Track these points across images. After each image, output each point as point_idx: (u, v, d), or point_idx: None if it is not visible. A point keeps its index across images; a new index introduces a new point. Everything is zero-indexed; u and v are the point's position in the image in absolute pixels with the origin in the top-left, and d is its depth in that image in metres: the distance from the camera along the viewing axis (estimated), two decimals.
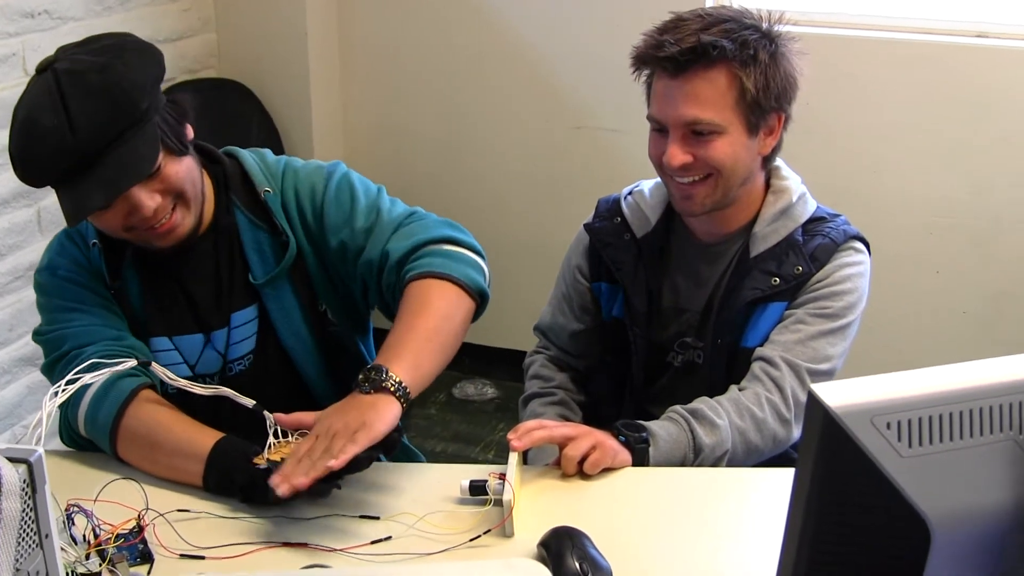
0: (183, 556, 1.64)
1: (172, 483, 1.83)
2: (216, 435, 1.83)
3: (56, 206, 1.88)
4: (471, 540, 1.67)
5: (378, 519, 1.73)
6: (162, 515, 1.70)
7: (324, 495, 1.71)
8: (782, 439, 1.99)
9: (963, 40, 3.63)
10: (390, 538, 1.67)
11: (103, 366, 1.74)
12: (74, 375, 1.67)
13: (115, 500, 1.69)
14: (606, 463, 1.85)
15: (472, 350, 4.05)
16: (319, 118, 4.29)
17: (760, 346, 2.05)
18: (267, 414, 1.78)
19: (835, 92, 3.69)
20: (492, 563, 1.59)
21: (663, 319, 2.18)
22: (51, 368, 1.96)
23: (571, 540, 1.58)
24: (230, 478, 1.77)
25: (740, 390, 2.01)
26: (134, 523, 1.65)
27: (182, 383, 1.81)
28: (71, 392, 1.65)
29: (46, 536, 1.29)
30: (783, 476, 1.86)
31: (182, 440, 1.84)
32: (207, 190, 2.00)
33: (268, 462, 1.72)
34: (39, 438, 1.50)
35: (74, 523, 1.60)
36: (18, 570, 1.24)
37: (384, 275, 1.96)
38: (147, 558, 1.62)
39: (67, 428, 1.94)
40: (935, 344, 3.86)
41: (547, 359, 2.35)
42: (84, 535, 1.60)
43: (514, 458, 1.77)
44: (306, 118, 4.26)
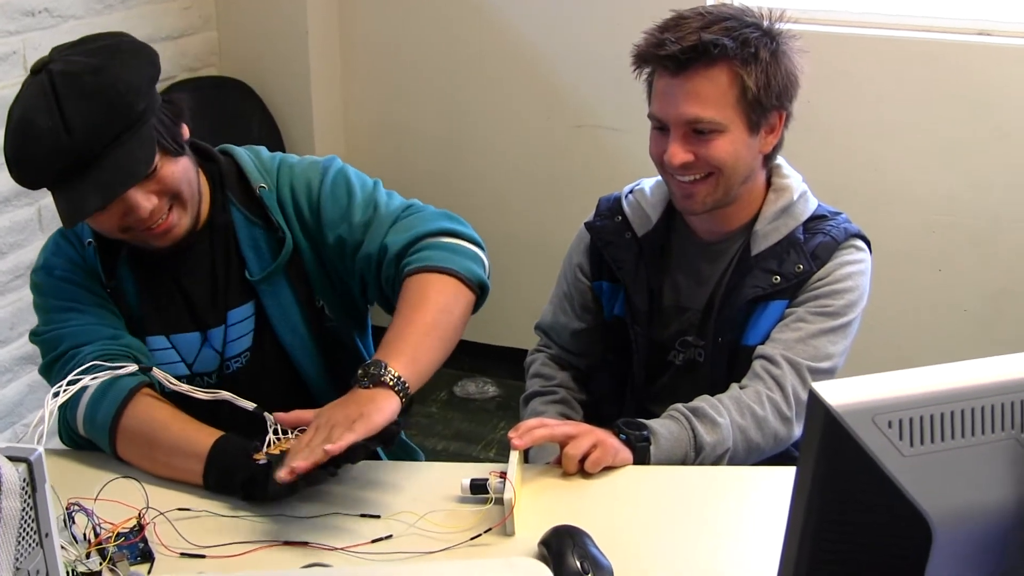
0: (183, 555, 1.64)
1: (172, 482, 1.82)
2: (215, 433, 1.83)
3: None
4: (472, 539, 1.66)
5: (379, 518, 1.72)
6: (162, 514, 1.70)
7: (319, 481, 1.69)
8: (783, 437, 1.99)
9: (964, 38, 3.62)
10: (391, 537, 1.67)
11: (104, 368, 1.74)
12: (75, 376, 1.67)
13: (115, 499, 1.68)
14: (607, 461, 1.85)
15: (473, 348, 4.06)
16: (320, 116, 4.29)
17: (761, 344, 2.05)
18: (268, 415, 1.78)
19: (836, 90, 3.69)
20: (493, 562, 1.59)
21: (664, 318, 2.17)
22: (49, 368, 1.95)
23: (572, 539, 1.58)
24: (230, 475, 1.77)
25: (741, 388, 2.00)
26: (134, 522, 1.65)
27: (183, 388, 1.81)
28: (72, 392, 1.65)
29: (46, 535, 1.29)
30: (784, 474, 1.86)
31: (181, 439, 1.83)
32: (203, 188, 1.99)
33: (268, 456, 1.72)
34: (40, 437, 1.50)
35: (74, 522, 1.60)
36: (18, 569, 1.24)
37: (383, 269, 1.95)
38: (148, 557, 1.62)
39: (66, 428, 1.94)
40: (935, 342, 3.85)
41: (548, 358, 2.34)
42: (84, 534, 1.60)
43: (515, 456, 1.77)
44: (307, 116, 4.25)
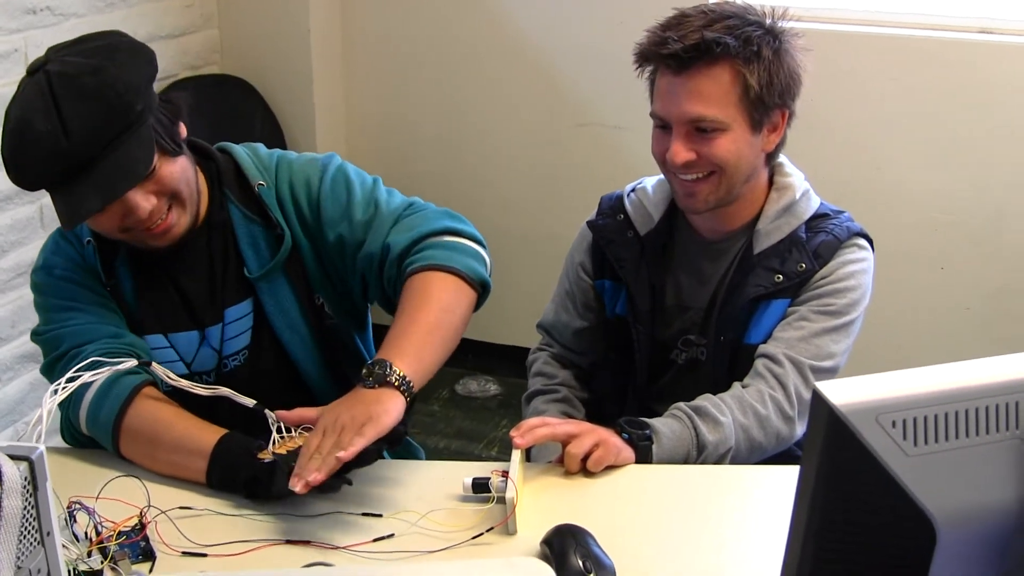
0: (185, 554, 1.63)
1: (174, 480, 1.82)
2: (219, 431, 1.83)
3: None
4: (474, 538, 1.66)
5: (381, 516, 1.72)
6: (164, 512, 1.70)
7: (335, 490, 1.70)
8: (785, 436, 1.99)
9: (966, 36, 3.62)
10: (393, 535, 1.67)
11: (103, 365, 1.74)
12: (74, 373, 1.67)
13: (117, 497, 1.68)
14: (609, 460, 1.85)
15: (475, 347, 4.06)
16: (322, 114, 4.29)
17: (763, 343, 2.05)
18: (268, 412, 1.78)
19: (838, 88, 3.68)
20: (495, 562, 1.58)
21: (666, 316, 2.17)
22: (50, 368, 1.95)
23: (574, 538, 1.57)
24: (234, 473, 1.77)
25: (743, 387, 2.00)
26: (136, 520, 1.64)
27: (183, 384, 1.81)
28: (71, 390, 1.65)
29: (48, 534, 1.29)
30: (786, 473, 1.86)
31: (184, 437, 1.83)
32: (201, 187, 1.99)
33: (273, 455, 1.72)
34: (40, 435, 1.50)
35: (76, 520, 1.60)
36: (20, 568, 1.24)
37: (385, 268, 1.95)
38: (149, 556, 1.62)
39: (68, 427, 1.94)
40: (937, 340, 3.85)
41: (550, 356, 2.34)
42: (86, 532, 1.60)
43: (517, 455, 1.76)
44: (309, 114, 4.25)
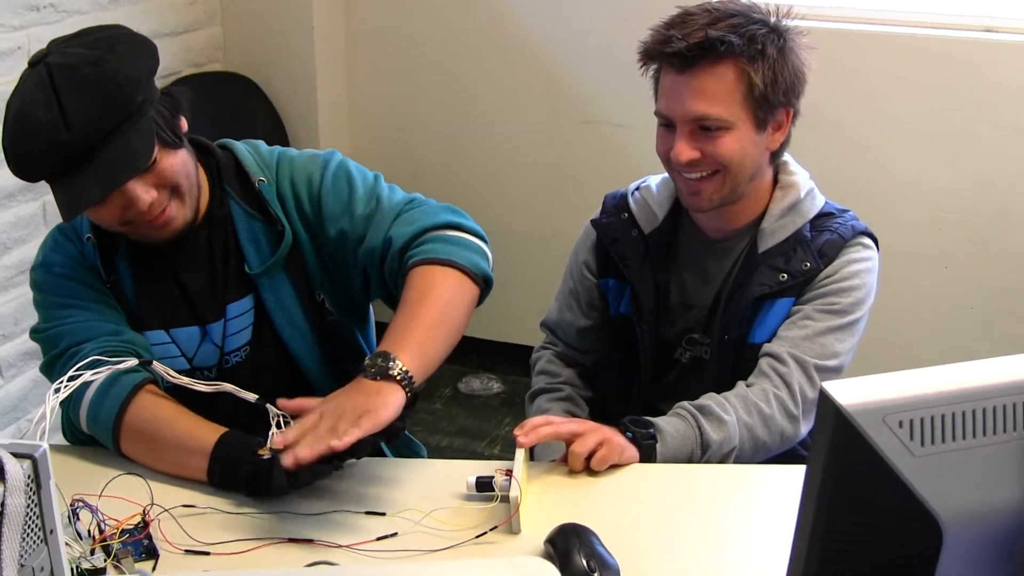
0: (188, 552, 1.63)
1: (177, 478, 1.82)
2: (219, 430, 1.83)
3: None
4: (477, 537, 1.66)
5: (384, 515, 1.72)
6: (167, 510, 1.70)
7: (325, 475, 1.70)
8: (790, 435, 1.98)
9: (970, 35, 3.62)
10: (396, 534, 1.67)
11: (104, 363, 1.74)
12: (76, 371, 1.66)
13: (120, 495, 1.68)
14: (613, 459, 1.84)
15: (478, 345, 4.06)
16: (325, 111, 4.28)
17: (767, 342, 2.04)
18: (270, 407, 1.78)
19: (842, 87, 3.68)
20: (500, 561, 1.58)
21: (670, 315, 2.17)
22: (50, 366, 1.95)
23: (578, 537, 1.57)
24: (235, 471, 1.77)
25: (748, 386, 2.00)
26: (139, 518, 1.65)
27: (184, 380, 1.81)
28: (73, 388, 1.64)
29: (51, 532, 1.29)
30: (790, 473, 1.86)
31: (185, 435, 1.83)
32: (202, 182, 1.99)
33: (272, 451, 1.72)
34: (42, 433, 1.50)
35: (79, 518, 1.60)
36: (23, 566, 1.23)
37: (387, 262, 1.94)
38: (152, 554, 1.62)
39: (69, 425, 1.94)
40: (940, 340, 3.84)
41: (554, 355, 2.34)
42: (89, 530, 1.60)
43: (521, 454, 1.76)
44: (312, 112, 4.25)
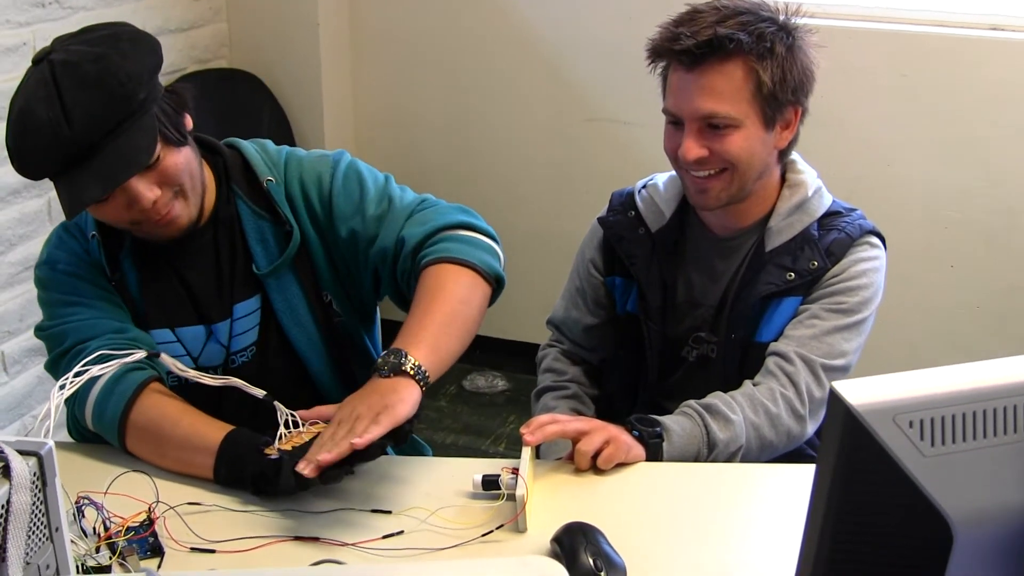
0: (193, 549, 1.63)
1: (183, 476, 1.81)
2: (226, 427, 1.82)
3: None
4: (483, 535, 1.65)
5: (390, 513, 1.71)
6: (172, 508, 1.69)
7: (337, 480, 1.69)
8: (796, 435, 1.98)
9: (976, 33, 3.61)
10: (402, 532, 1.66)
11: (111, 358, 1.74)
12: (81, 367, 1.66)
13: (125, 493, 1.68)
14: (619, 458, 1.84)
15: (483, 342, 4.03)
16: (330, 108, 4.28)
17: (774, 341, 2.04)
18: (278, 404, 1.78)
19: (848, 85, 3.67)
20: (508, 560, 1.57)
21: (677, 313, 2.16)
22: (55, 364, 1.94)
23: (585, 536, 1.57)
24: (241, 469, 1.76)
25: (755, 385, 1.99)
26: (144, 516, 1.64)
27: (192, 374, 1.81)
28: (79, 385, 1.64)
29: (56, 529, 1.29)
30: (797, 472, 1.85)
31: (191, 433, 1.83)
32: (208, 181, 1.98)
33: (279, 451, 1.72)
34: (48, 430, 1.50)
35: (84, 516, 1.60)
36: (28, 563, 1.23)
37: (399, 262, 1.94)
38: (157, 551, 1.61)
39: (74, 423, 1.93)
40: (947, 338, 3.84)
41: (560, 353, 2.34)
42: (94, 528, 1.60)
43: (527, 453, 1.76)
44: (317, 108, 4.25)
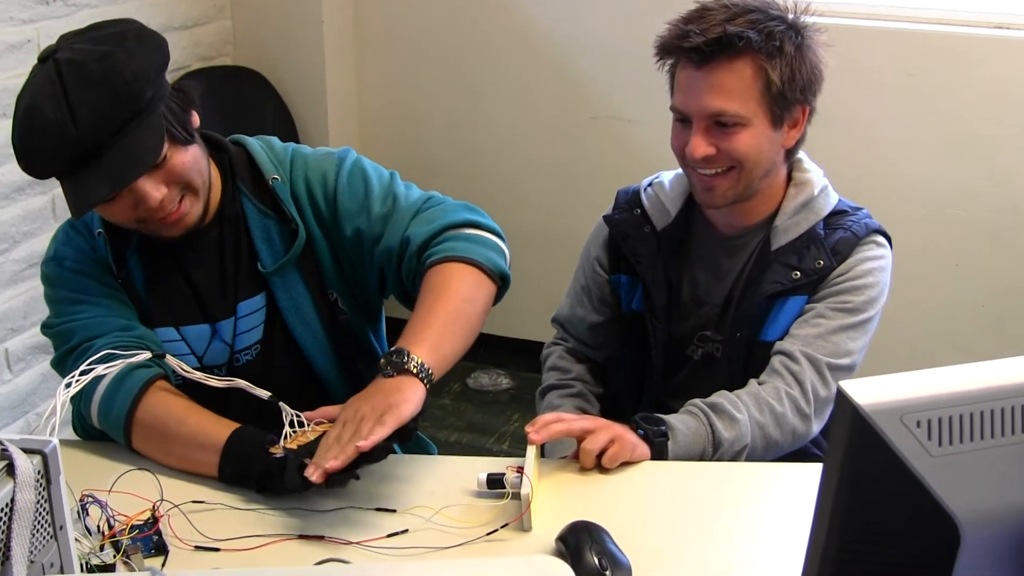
0: (198, 548, 1.63)
1: (187, 474, 1.81)
2: (231, 425, 1.82)
3: None
4: (488, 534, 1.65)
5: (394, 512, 1.71)
6: (177, 506, 1.69)
7: (342, 485, 1.68)
8: (801, 434, 1.98)
9: (981, 31, 3.61)
10: (407, 531, 1.66)
11: (117, 357, 1.74)
12: (87, 366, 1.66)
13: (130, 491, 1.68)
14: (624, 457, 1.84)
15: (487, 340, 4.03)
16: (334, 106, 4.28)
17: (780, 340, 2.03)
18: (283, 405, 1.78)
19: (853, 83, 3.66)
20: (514, 560, 1.56)
21: (683, 312, 2.16)
22: (61, 361, 1.94)
23: (590, 535, 1.56)
24: (246, 467, 1.76)
25: (760, 384, 1.99)
26: (149, 514, 1.64)
27: (197, 376, 1.80)
28: (84, 383, 1.64)
29: (60, 527, 1.29)
30: (802, 471, 1.85)
31: (196, 431, 1.82)
32: (213, 178, 1.98)
33: (284, 450, 1.71)
34: (53, 428, 1.49)
35: (88, 514, 1.60)
36: (32, 562, 1.23)
37: (405, 261, 1.94)
38: (162, 550, 1.61)
39: (80, 420, 1.93)
40: (951, 337, 3.83)
41: (565, 351, 2.33)
42: (98, 526, 1.60)
43: (532, 451, 1.76)
44: (321, 106, 4.25)
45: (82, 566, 1.50)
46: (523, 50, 4.15)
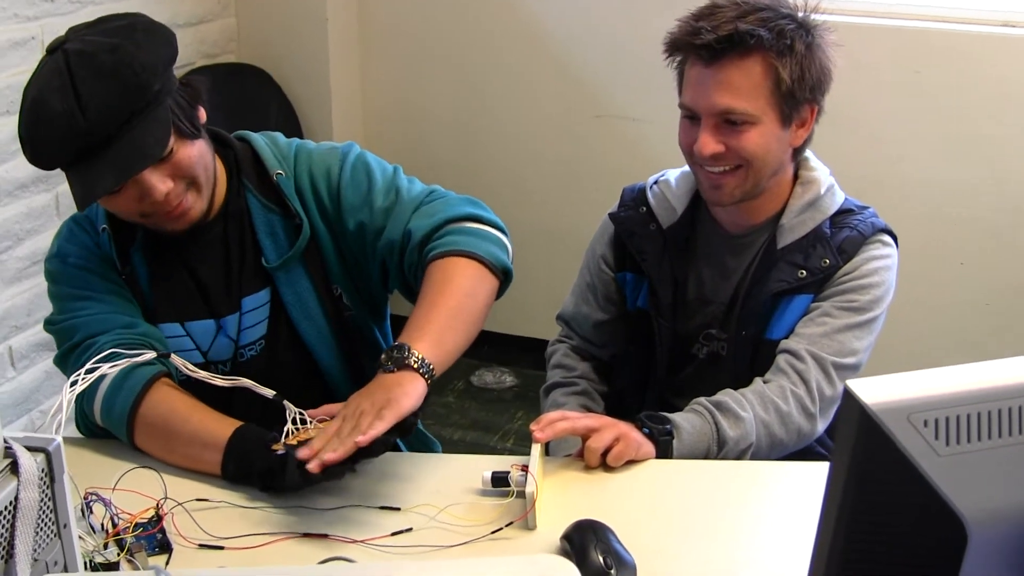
0: (202, 546, 1.63)
1: (191, 472, 1.81)
2: (234, 423, 1.82)
3: None
4: (493, 532, 1.65)
5: (399, 510, 1.71)
6: (181, 504, 1.69)
7: (339, 477, 1.68)
8: (807, 433, 1.97)
9: (987, 29, 3.59)
10: (411, 530, 1.66)
11: (122, 356, 1.73)
12: (93, 364, 1.66)
13: (133, 489, 1.68)
14: (629, 455, 1.83)
15: (491, 338, 4.05)
16: (339, 103, 4.28)
17: (785, 339, 2.03)
18: (287, 403, 1.77)
19: (858, 81, 3.65)
20: (519, 559, 1.56)
21: (688, 310, 2.16)
22: (64, 358, 1.94)
23: (594, 534, 1.56)
24: (249, 465, 1.76)
25: (765, 383, 1.99)
26: (152, 512, 1.64)
27: (202, 375, 1.80)
28: (90, 381, 1.64)
29: (64, 526, 1.28)
30: (807, 469, 1.85)
31: (199, 429, 1.82)
32: (218, 174, 1.98)
33: (286, 447, 1.71)
34: (59, 426, 1.49)
35: (92, 512, 1.59)
36: (36, 560, 1.23)
37: (406, 255, 1.93)
38: (166, 548, 1.61)
39: (83, 418, 1.93)
40: (955, 336, 3.82)
41: (570, 348, 2.33)
42: (102, 524, 1.59)
43: (536, 449, 1.75)
44: (326, 103, 4.24)
45: (86, 564, 1.50)
46: (527, 48, 4.15)
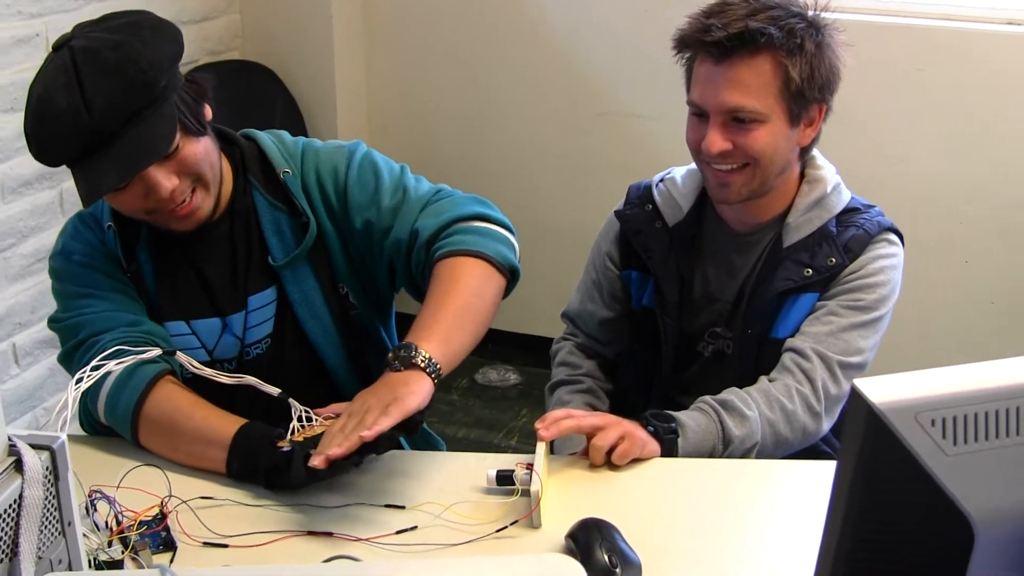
0: (206, 544, 1.62)
1: (195, 470, 1.81)
2: (239, 421, 1.81)
3: None
4: (497, 531, 1.65)
5: (403, 508, 1.71)
6: (185, 502, 1.69)
7: (344, 471, 1.68)
8: (812, 432, 1.97)
9: (992, 27, 3.59)
10: (415, 528, 1.66)
11: (128, 353, 1.73)
12: (99, 362, 1.65)
13: (138, 487, 1.68)
14: (635, 454, 1.83)
15: (495, 336, 4.03)
16: (343, 101, 4.28)
17: (791, 337, 2.03)
18: (292, 401, 1.77)
19: (864, 79, 3.63)
20: (524, 558, 1.56)
21: (694, 308, 2.15)
22: (68, 356, 1.94)
23: (600, 532, 1.56)
24: (253, 463, 1.76)
25: (770, 381, 1.98)
26: (157, 510, 1.64)
27: (207, 372, 1.80)
28: (96, 379, 1.64)
29: (68, 524, 1.28)
30: (812, 468, 1.85)
31: (204, 427, 1.82)
32: (225, 172, 1.97)
33: (292, 443, 1.71)
34: (64, 423, 1.49)
35: (96, 510, 1.60)
36: (40, 558, 1.23)
37: (413, 254, 1.93)
38: (170, 546, 1.61)
39: (86, 415, 1.93)
40: (961, 334, 3.82)
41: (575, 346, 2.33)
42: (106, 522, 1.59)
43: (541, 448, 1.75)
44: (330, 100, 4.24)
45: (90, 562, 1.50)
46: (532, 44, 4.14)
